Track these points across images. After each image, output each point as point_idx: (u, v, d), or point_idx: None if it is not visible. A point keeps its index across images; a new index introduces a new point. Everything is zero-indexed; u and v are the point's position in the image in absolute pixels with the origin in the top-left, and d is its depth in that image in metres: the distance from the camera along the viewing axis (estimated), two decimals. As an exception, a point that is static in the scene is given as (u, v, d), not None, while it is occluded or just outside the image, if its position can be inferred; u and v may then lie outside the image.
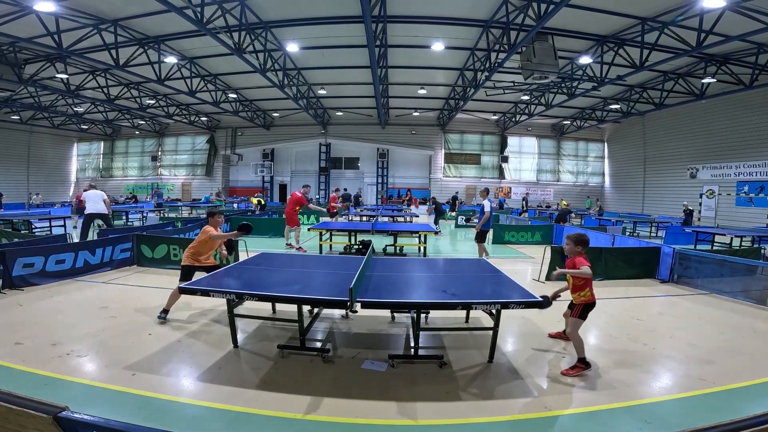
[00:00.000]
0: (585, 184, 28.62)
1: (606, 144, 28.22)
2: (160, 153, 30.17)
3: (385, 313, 5.16)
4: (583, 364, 3.71)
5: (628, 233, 14.73)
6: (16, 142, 26.62)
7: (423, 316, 4.82)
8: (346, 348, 4.30)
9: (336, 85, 20.03)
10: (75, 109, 23.25)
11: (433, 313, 5.19)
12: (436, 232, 11.07)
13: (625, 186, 26.11)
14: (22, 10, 10.78)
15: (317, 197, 26.46)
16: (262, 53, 14.36)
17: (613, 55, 13.62)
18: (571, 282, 3.94)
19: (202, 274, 4.88)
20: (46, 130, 27.00)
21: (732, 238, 12.27)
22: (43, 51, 14.40)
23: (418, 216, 19.30)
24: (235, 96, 21.89)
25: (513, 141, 28.06)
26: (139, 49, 13.99)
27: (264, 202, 21.29)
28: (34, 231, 11.06)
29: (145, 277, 7.19)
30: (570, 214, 17.40)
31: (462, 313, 5.12)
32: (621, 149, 26.55)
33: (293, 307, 4.23)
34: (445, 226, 17.50)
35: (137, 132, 29.37)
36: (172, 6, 9.77)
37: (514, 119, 24.97)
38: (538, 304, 3.49)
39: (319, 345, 4.33)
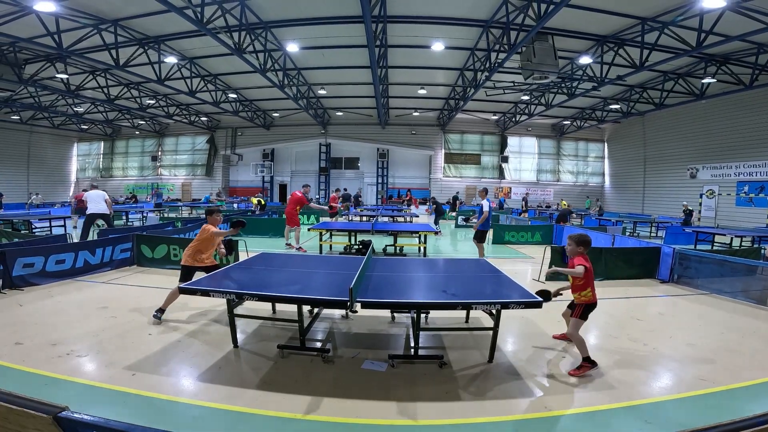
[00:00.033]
0: (585, 184, 28.62)
1: (606, 144, 28.22)
2: (160, 153, 30.17)
3: (385, 313, 5.16)
4: (589, 363, 3.70)
5: (628, 233, 14.72)
6: (16, 142, 26.64)
7: (423, 316, 4.82)
8: (346, 348, 4.30)
9: (336, 85, 20.03)
10: (75, 109, 23.26)
11: (433, 313, 5.19)
12: (436, 233, 11.06)
13: (625, 186, 26.11)
14: (22, 10, 10.78)
15: (317, 197, 26.46)
16: (262, 53, 14.37)
17: (613, 55, 13.62)
18: (571, 281, 3.94)
19: (201, 274, 4.88)
20: (46, 130, 27.01)
21: (732, 238, 12.28)
22: (43, 51, 14.41)
23: (418, 216, 19.30)
24: (235, 96, 21.89)
25: (513, 141, 28.06)
26: (139, 49, 14.00)
27: (264, 202, 21.31)
28: (34, 231, 11.07)
29: (145, 277, 7.20)
30: (571, 214, 17.41)
31: (462, 313, 5.12)
32: (621, 149, 26.55)
33: (293, 307, 4.23)
34: (445, 226, 17.49)
35: (137, 132, 29.37)
36: (172, 6, 9.78)
37: (514, 119, 24.97)
38: (538, 304, 3.48)
39: (319, 345, 4.33)
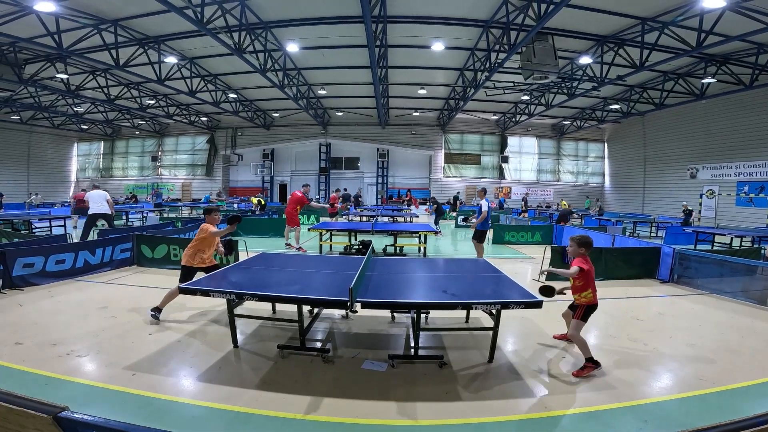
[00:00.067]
0: (585, 184, 28.62)
1: (606, 144, 28.21)
2: (160, 153, 30.17)
3: (385, 313, 5.16)
4: (592, 363, 3.70)
5: (628, 233, 14.72)
6: (16, 142, 26.64)
7: (423, 316, 4.81)
8: (346, 348, 4.30)
9: (336, 85, 20.02)
10: (75, 109, 23.26)
11: (433, 313, 5.19)
12: (437, 233, 11.05)
13: (625, 186, 26.10)
14: (22, 10, 10.78)
15: (317, 197, 26.45)
16: (262, 53, 14.36)
17: (613, 55, 13.62)
18: (571, 281, 3.94)
19: (201, 274, 4.88)
20: (46, 130, 27.01)
21: (732, 238, 12.27)
22: (43, 51, 14.41)
23: (418, 216, 19.30)
24: (235, 96, 21.88)
25: (513, 141, 28.05)
26: (139, 49, 14.00)
27: (264, 202, 21.31)
28: (34, 231, 11.07)
29: (145, 278, 7.20)
30: (572, 214, 17.39)
31: (462, 313, 5.12)
32: (621, 149, 26.54)
33: (293, 307, 4.23)
34: (445, 226, 17.49)
35: (137, 132, 29.37)
36: (172, 6, 9.78)
37: (514, 119, 24.96)
38: (538, 304, 3.47)
39: (319, 345, 4.33)
